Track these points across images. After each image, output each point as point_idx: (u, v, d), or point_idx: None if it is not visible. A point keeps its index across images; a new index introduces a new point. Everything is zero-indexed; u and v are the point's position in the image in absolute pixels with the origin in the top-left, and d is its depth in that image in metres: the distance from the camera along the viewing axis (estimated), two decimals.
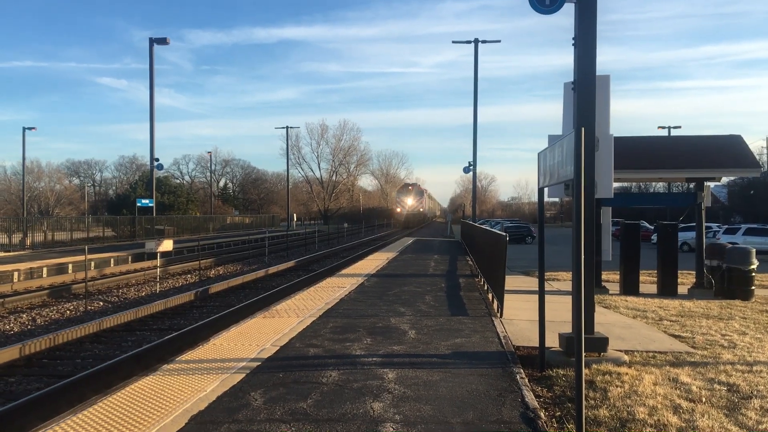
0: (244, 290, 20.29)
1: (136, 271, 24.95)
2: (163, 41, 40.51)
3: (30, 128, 57.49)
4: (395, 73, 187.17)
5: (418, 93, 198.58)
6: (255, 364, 7.19)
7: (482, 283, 15.53)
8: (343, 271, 18.96)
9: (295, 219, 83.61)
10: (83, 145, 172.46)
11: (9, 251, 29.22)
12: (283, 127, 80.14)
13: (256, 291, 19.94)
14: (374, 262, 21.94)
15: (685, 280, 17.94)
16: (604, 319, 11.01)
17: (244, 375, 6.71)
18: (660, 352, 8.56)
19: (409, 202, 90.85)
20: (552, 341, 8.34)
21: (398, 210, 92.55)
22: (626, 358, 8.10)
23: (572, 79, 8.54)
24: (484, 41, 37.90)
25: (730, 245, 16.74)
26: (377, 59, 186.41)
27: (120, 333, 13.21)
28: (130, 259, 27.58)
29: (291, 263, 28.26)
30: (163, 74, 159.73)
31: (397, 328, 9.52)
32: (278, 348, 8.05)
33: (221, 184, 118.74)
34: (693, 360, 8.14)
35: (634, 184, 60.89)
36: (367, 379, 6.57)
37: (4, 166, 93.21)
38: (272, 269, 25.33)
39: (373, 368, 7.02)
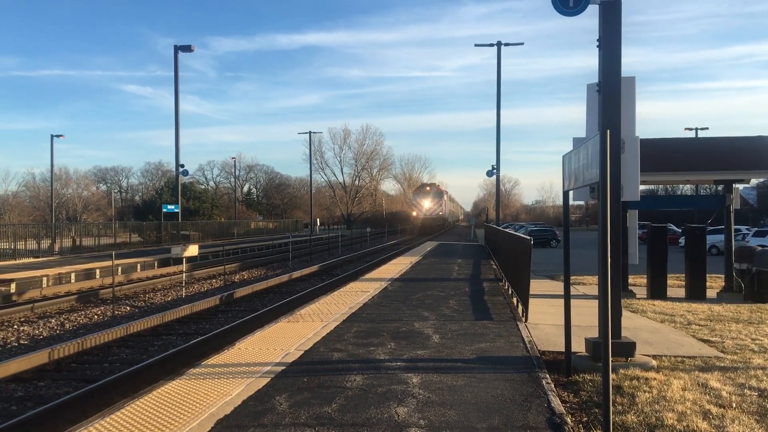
0: (269, 294, 20.39)
1: (162, 276, 25.20)
2: (187, 48, 40.96)
3: (58, 136, 58.47)
4: (417, 78, 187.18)
5: (440, 97, 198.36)
6: (280, 368, 7.22)
7: (506, 287, 15.44)
8: (367, 276, 18.97)
9: (318, 224, 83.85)
10: (110, 151, 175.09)
11: (38, 257, 29.70)
12: (306, 133, 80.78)
13: (280, 295, 20.03)
14: (397, 266, 21.92)
15: (714, 283, 17.66)
16: (631, 324, 10.87)
17: (269, 379, 6.73)
18: (689, 357, 8.43)
19: (427, 204, 77.36)
20: (578, 346, 8.25)
21: (414, 214, 79.77)
22: (654, 363, 7.99)
23: (595, 81, 8.47)
24: (507, 44, 37.79)
25: (760, 248, 16.45)
26: (399, 64, 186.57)
27: (147, 337, 13.34)
28: (156, 264, 27.87)
29: (314, 268, 28.35)
30: (188, 81, 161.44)
31: (421, 332, 9.49)
32: (302, 352, 8.07)
33: (245, 189, 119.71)
34: (723, 365, 8.00)
35: (660, 186, 60.17)
36: (391, 383, 6.56)
37: (33, 174, 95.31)
38: (296, 274, 25.44)
39: (398, 373, 7.00)
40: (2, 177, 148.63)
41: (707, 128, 55.13)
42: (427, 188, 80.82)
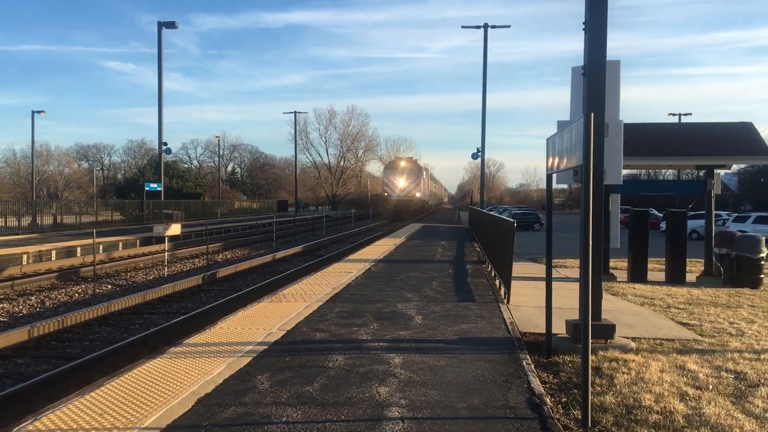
0: (252, 275, 20.35)
1: (144, 254, 25.05)
2: (171, 25, 40.42)
3: (39, 112, 57.75)
4: (403, 59, 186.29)
5: (426, 78, 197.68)
6: (262, 347, 7.22)
7: (489, 269, 15.52)
8: (351, 257, 18.98)
9: (303, 205, 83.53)
10: (92, 129, 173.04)
11: (18, 234, 29.39)
12: (291, 112, 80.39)
13: (264, 276, 19.99)
14: (381, 247, 21.95)
15: (694, 268, 17.87)
16: (612, 306, 10.98)
17: (250, 359, 6.73)
18: (667, 340, 8.54)
19: (401, 183, 60.40)
20: (559, 328, 8.33)
21: (385, 194, 62.06)
22: (633, 345, 8.08)
23: (580, 64, 8.48)
24: (494, 26, 37.63)
25: (740, 233, 16.64)
26: (385, 44, 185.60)
27: (128, 316, 13.28)
28: (138, 243, 27.69)
29: (298, 248, 28.31)
30: (171, 58, 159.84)
31: (404, 313, 9.52)
32: (285, 332, 8.07)
33: (229, 169, 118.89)
34: (700, 348, 8.12)
35: (643, 171, 60.63)
36: (373, 363, 6.58)
37: (14, 150, 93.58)
38: (279, 254, 25.39)
39: (380, 353, 7.03)
40: None
41: (690, 114, 55.67)
42: (402, 163, 62.30)
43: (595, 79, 8.04)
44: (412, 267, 15.89)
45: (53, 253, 22.43)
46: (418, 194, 60.50)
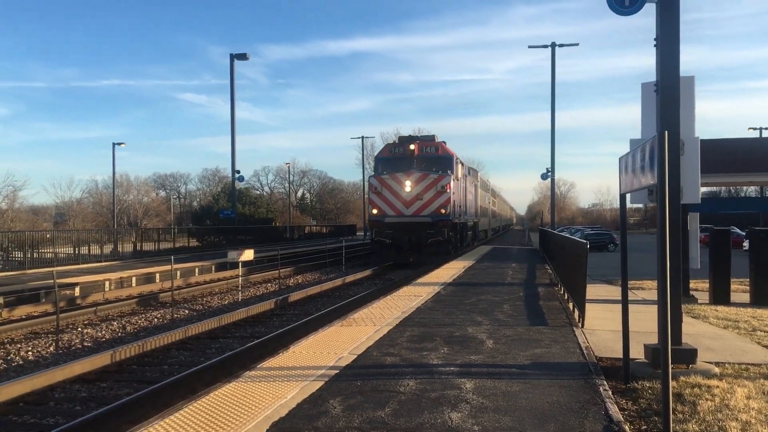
0: (322, 299, 20.57)
1: (219, 280, 25.70)
2: (242, 57, 41.73)
3: (119, 143, 60.41)
4: (467, 81, 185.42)
5: (491, 99, 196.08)
6: (333, 372, 7.27)
7: (562, 292, 15.19)
8: (419, 280, 18.94)
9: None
10: (168, 158, 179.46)
11: (101, 261, 30.66)
12: (359, 137, 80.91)
13: (334, 300, 20.17)
14: (450, 270, 21.81)
15: None
16: (692, 330, 10.55)
17: (322, 383, 6.78)
18: (754, 365, 8.13)
19: (406, 189, 29.70)
20: (637, 352, 8.06)
21: (374, 211, 30.42)
22: (717, 370, 7.73)
23: (650, 80, 8.31)
24: (561, 45, 37.21)
25: None
26: (448, 67, 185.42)
27: (204, 340, 13.62)
28: (213, 269, 28.43)
29: (368, 272, 28.45)
30: (241, 89, 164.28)
31: (475, 337, 9.42)
32: (355, 356, 8.11)
33: (299, 194, 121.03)
34: None
35: (723, 188, 58.30)
36: (444, 388, 6.52)
37: (96, 180, 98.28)
38: (349, 278, 25.58)
39: (451, 378, 6.96)
40: (67, 184, 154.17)
41: None
42: (411, 147, 30.91)
43: (668, 95, 7.83)
44: (482, 290, 15.72)
45: (133, 279, 23.28)
46: (444, 211, 29.33)
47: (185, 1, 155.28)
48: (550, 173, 38.88)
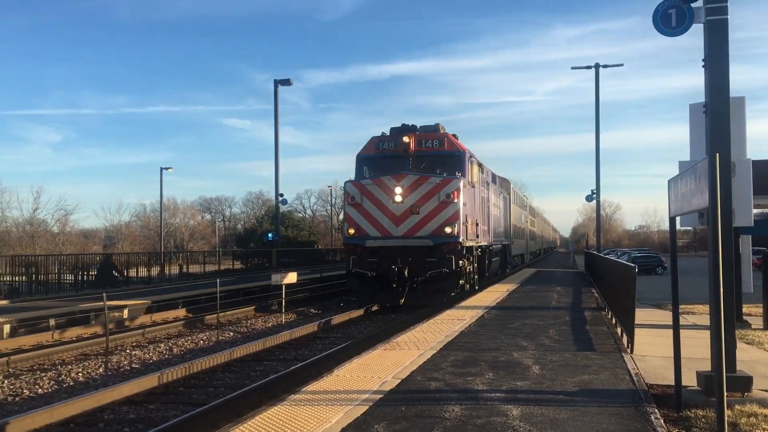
0: (365, 322, 20.55)
1: (262, 301, 25.91)
2: (286, 82, 42.36)
3: (166, 168, 61.72)
4: (509, 102, 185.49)
5: (533, 121, 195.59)
6: (377, 396, 7.24)
7: (609, 316, 14.88)
8: (462, 303, 18.78)
9: None
10: (214, 182, 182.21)
11: (149, 284, 31.26)
12: None
13: (377, 322, 20.14)
14: (493, 294, 21.59)
15: None
16: (747, 356, 10.21)
17: (367, 407, 6.76)
18: None
19: (397, 196, 20.45)
20: (689, 380, 7.83)
21: (350, 232, 21.20)
22: None
23: (698, 101, 8.19)
24: (605, 66, 36.89)
25: None
26: (489, 89, 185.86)
27: (249, 362, 13.72)
28: (256, 291, 28.70)
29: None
30: (284, 113, 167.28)
31: (520, 362, 9.28)
32: (399, 381, 8.06)
33: (341, 217, 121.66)
34: None
35: None
36: (490, 415, 6.43)
37: (144, 204, 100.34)
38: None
39: (497, 404, 6.87)
40: (116, 208, 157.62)
41: None
42: (405, 141, 21.21)
43: (718, 117, 7.68)
44: (527, 314, 15.50)
45: (180, 302, 23.65)
46: (450, 229, 20.38)
47: (231, 30, 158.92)
48: (595, 195, 38.34)
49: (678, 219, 7.48)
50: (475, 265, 23.57)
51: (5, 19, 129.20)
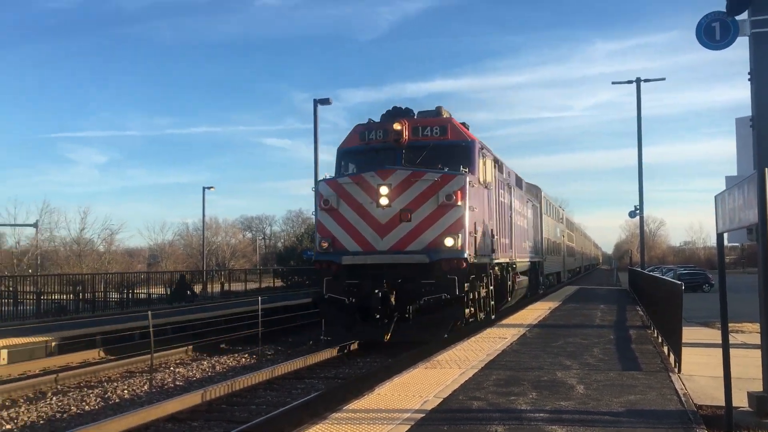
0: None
1: (302, 319, 26.04)
2: (325, 101, 42.65)
3: (208, 187, 62.67)
4: (548, 118, 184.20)
5: (573, 136, 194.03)
6: (419, 415, 7.19)
7: (655, 334, 14.57)
8: (503, 322, 18.59)
9: None
10: (254, 201, 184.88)
11: (191, 302, 31.72)
12: None
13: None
14: (535, 312, 21.33)
15: None
16: None
17: (408, 427, 6.72)
18: None
19: (382, 198, 15.83)
20: (740, 400, 7.60)
21: (322, 244, 16.61)
22: None
23: (744, 115, 8.00)
24: (646, 80, 36.28)
25: None
26: (528, 105, 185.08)
27: (290, 380, 13.79)
28: (296, 309, 28.87)
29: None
30: (323, 132, 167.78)
31: (564, 382, 9.14)
32: (441, 400, 8.00)
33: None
34: None
35: None
36: None
37: (187, 223, 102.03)
38: None
39: (541, 425, 6.76)
40: (160, 227, 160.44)
41: None
42: (397, 128, 16.59)
43: (765, 130, 7.51)
44: (570, 332, 15.27)
45: (222, 319, 23.92)
46: (452, 242, 15.51)
47: (271, 51, 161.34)
48: (638, 211, 37.65)
49: (725, 235, 7.32)
50: (491, 288, 18.84)
51: (55, 45, 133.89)
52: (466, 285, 15.85)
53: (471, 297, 16.62)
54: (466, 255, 15.53)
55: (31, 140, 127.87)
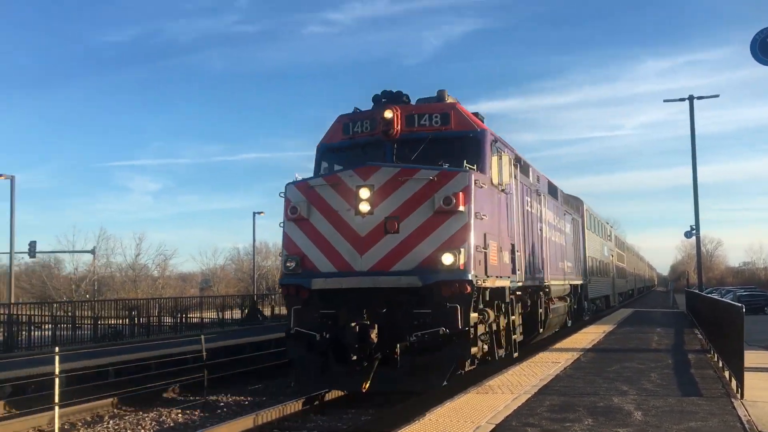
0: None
1: None
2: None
3: (259, 213, 63.58)
4: (597, 138, 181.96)
5: (624, 156, 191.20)
6: None
7: (716, 359, 14.06)
8: (556, 346, 18.23)
9: None
10: None
11: (243, 325, 32.11)
12: None
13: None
14: (588, 335, 20.87)
15: None
16: None
17: None
18: None
19: (362, 204, 12.30)
20: None
21: (288, 264, 12.92)
22: None
23: None
24: (700, 97, 35.51)
25: None
26: (576, 125, 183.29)
27: (340, 405, 13.75)
28: None
29: None
30: None
31: (621, 408, 8.88)
32: (494, 426, 7.87)
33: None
34: None
35: None
36: None
37: (238, 248, 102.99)
38: None
39: None
40: (212, 252, 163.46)
41: None
42: (388, 116, 13.14)
43: None
44: (625, 356, 14.87)
45: (272, 342, 24.09)
46: (453, 259, 11.85)
47: (318, 78, 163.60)
48: (694, 231, 36.64)
49: None
50: (511, 318, 15.00)
51: (112, 77, 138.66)
52: (473, 315, 12.30)
53: (483, 330, 12.98)
54: (470, 276, 11.90)
55: (88, 169, 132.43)
